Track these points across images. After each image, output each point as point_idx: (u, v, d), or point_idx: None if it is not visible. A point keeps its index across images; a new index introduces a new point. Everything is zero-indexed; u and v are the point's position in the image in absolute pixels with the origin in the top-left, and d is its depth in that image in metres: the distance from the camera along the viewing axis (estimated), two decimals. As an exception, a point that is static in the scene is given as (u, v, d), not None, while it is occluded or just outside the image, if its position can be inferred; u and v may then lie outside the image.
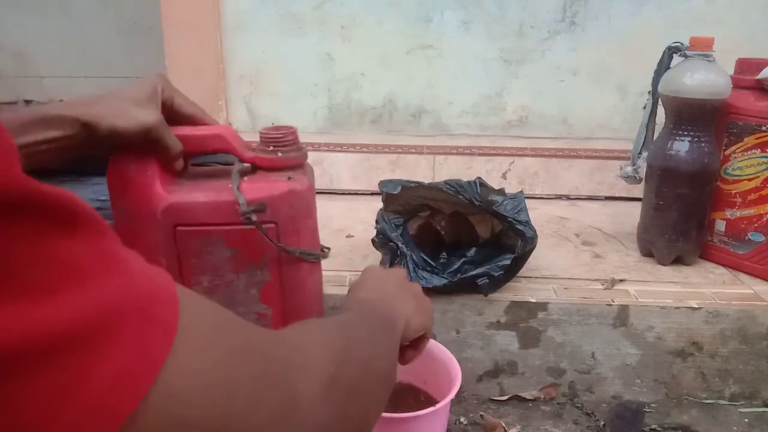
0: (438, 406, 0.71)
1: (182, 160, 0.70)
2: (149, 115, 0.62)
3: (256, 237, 0.68)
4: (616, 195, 1.45)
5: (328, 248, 0.80)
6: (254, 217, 0.67)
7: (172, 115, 0.68)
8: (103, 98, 0.62)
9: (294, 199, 0.70)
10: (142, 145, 0.64)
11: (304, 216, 0.71)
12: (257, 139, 0.73)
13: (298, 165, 0.73)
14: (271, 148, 0.71)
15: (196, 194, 0.69)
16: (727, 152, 1.02)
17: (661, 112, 1.07)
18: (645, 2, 1.46)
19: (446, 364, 0.79)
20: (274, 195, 0.69)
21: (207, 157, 0.78)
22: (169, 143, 0.66)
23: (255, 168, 0.72)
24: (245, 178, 0.70)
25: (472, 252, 0.94)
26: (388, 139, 1.51)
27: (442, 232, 1.00)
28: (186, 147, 0.71)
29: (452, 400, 0.73)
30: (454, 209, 1.01)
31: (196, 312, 0.28)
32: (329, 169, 1.47)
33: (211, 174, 0.74)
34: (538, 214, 1.31)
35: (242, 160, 0.72)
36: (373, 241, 0.99)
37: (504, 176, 1.47)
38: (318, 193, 0.76)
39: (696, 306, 0.93)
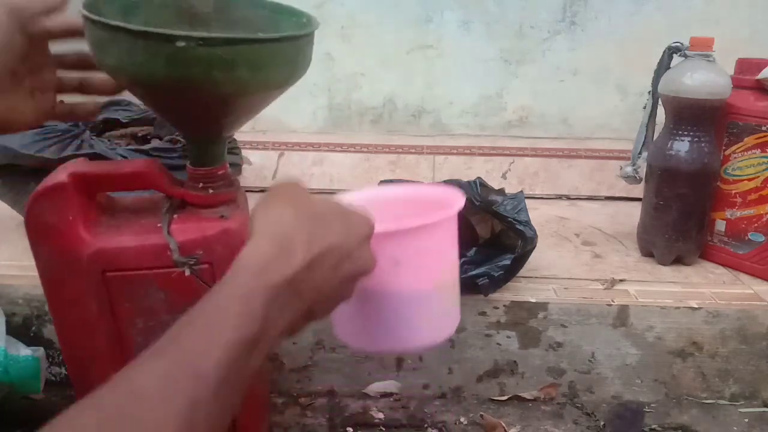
0: (438, 218, 0.54)
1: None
2: None
3: (190, 278, 0.65)
4: (616, 195, 1.45)
5: None
6: (188, 272, 0.64)
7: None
8: None
9: (228, 238, 0.66)
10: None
11: (238, 253, 0.70)
12: (258, 139, 0.72)
13: (230, 200, 0.69)
14: (201, 184, 0.67)
15: (123, 237, 0.65)
16: (727, 152, 1.03)
17: (661, 112, 1.07)
18: (645, 2, 1.46)
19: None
20: (207, 236, 0.65)
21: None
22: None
23: (184, 203, 0.68)
24: (175, 215, 0.67)
25: (472, 252, 0.94)
26: (388, 139, 1.51)
27: (442, 232, 1.00)
28: (108, 186, 0.67)
29: (450, 337, 0.60)
30: (454, 209, 1.01)
31: None
32: (329, 169, 1.47)
33: (137, 208, 0.71)
34: (538, 214, 1.31)
35: (170, 196, 0.68)
36: (373, 241, 0.99)
37: (504, 176, 1.47)
38: (318, 193, 0.75)
39: (696, 306, 0.93)
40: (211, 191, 0.67)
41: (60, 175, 0.64)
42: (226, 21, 0.68)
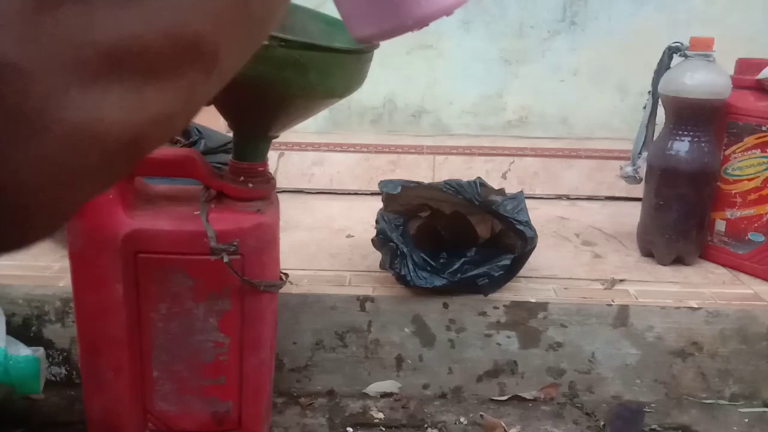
0: None
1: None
2: None
3: (220, 267, 0.67)
4: (616, 195, 1.45)
5: (286, 274, 0.80)
6: (226, 258, 0.66)
7: None
8: None
9: (262, 232, 0.69)
10: None
11: (269, 248, 0.71)
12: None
13: (266, 196, 0.71)
14: (242, 178, 0.69)
15: (160, 221, 0.68)
16: (727, 152, 1.03)
17: (661, 112, 1.07)
18: (645, 2, 1.46)
19: None
20: (243, 228, 0.68)
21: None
22: None
23: (221, 194, 0.70)
24: (212, 204, 0.69)
25: (472, 252, 0.94)
26: (388, 139, 1.51)
27: (442, 232, 1.00)
28: (150, 170, 0.69)
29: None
30: (454, 209, 1.01)
31: None
32: (329, 169, 1.47)
33: (174, 196, 0.73)
34: (538, 214, 1.31)
35: (210, 187, 0.70)
36: (373, 241, 0.99)
37: (504, 176, 1.47)
38: (318, 193, 0.76)
39: (696, 306, 0.93)
40: (250, 185, 0.69)
41: None
42: (281, 27, 0.70)
